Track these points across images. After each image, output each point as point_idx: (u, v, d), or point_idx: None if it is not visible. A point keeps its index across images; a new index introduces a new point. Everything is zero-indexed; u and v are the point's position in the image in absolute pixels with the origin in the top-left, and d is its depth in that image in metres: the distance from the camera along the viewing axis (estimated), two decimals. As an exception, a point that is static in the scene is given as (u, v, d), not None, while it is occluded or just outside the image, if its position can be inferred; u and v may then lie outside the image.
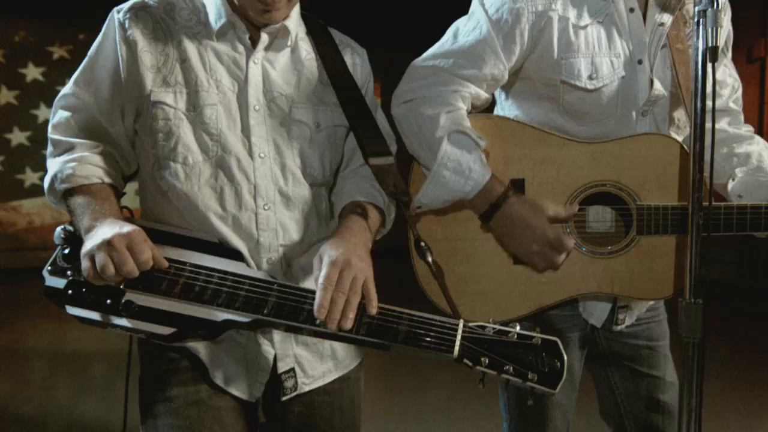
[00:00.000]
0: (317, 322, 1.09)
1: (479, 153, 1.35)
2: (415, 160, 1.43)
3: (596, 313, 1.49)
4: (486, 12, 1.39)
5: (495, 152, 1.40)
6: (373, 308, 1.11)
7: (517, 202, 1.35)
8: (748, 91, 6.73)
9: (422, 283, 1.40)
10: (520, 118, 1.49)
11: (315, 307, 1.08)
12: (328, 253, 1.13)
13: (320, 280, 1.10)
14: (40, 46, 8.20)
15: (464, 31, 1.41)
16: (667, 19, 1.40)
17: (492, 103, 1.55)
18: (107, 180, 1.24)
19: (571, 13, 1.38)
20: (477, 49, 1.38)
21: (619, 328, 1.51)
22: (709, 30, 1.09)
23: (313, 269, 1.16)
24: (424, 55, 1.44)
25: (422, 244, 1.28)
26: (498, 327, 1.11)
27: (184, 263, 1.16)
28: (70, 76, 1.30)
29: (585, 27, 1.38)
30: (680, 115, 1.47)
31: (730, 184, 1.48)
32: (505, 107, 1.54)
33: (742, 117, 1.57)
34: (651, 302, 1.55)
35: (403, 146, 1.43)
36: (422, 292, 1.42)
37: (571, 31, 1.37)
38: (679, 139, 1.44)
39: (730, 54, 1.51)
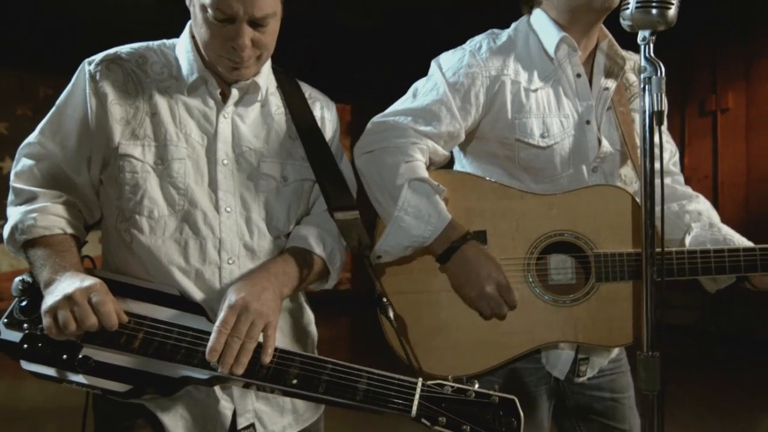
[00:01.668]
0: (211, 364, 1.10)
1: (438, 199, 1.39)
2: (379, 217, 1.46)
3: (559, 366, 1.51)
4: (443, 75, 1.48)
5: (457, 205, 1.44)
6: (267, 356, 1.12)
7: (476, 245, 1.39)
8: (701, 143, 7.07)
9: (388, 338, 1.40)
10: (478, 174, 1.54)
11: (207, 350, 1.09)
12: (229, 296, 1.15)
13: (216, 324, 1.11)
14: (5, 100, 8.13)
15: (423, 91, 1.50)
16: (611, 84, 1.53)
17: (451, 161, 1.61)
18: (69, 230, 1.23)
19: (522, 77, 1.48)
20: (434, 108, 1.45)
21: (580, 380, 1.53)
22: (654, 96, 1.17)
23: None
24: (385, 111, 1.51)
25: (384, 300, 1.28)
26: (457, 385, 1.11)
27: (144, 317, 1.15)
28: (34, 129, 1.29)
29: (536, 90, 1.48)
30: (626, 171, 1.56)
31: (688, 238, 1.55)
32: (465, 164, 1.61)
33: (682, 179, 1.68)
34: (614, 353, 1.57)
35: (367, 201, 1.46)
36: (388, 346, 1.41)
37: (523, 94, 1.47)
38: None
39: (666, 122, 1.60)
